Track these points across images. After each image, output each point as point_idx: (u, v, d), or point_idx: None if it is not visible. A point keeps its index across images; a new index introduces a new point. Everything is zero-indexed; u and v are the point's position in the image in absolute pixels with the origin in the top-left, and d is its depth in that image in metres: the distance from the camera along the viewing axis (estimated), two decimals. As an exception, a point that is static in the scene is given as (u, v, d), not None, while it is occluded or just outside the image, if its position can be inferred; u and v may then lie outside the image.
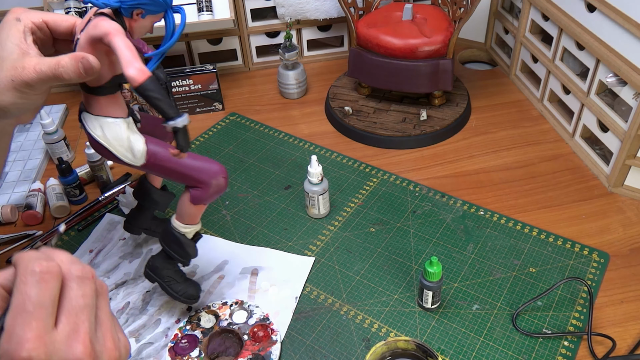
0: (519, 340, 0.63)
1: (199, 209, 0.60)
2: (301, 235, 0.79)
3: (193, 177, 0.57)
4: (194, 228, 0.62)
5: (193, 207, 0.59)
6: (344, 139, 0.98)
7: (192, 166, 0.57)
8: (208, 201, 0.60)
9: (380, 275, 0.72)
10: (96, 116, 0.55)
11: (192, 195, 0.58)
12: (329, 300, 0.69)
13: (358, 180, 0.88)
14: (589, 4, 0.82)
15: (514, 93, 1.07)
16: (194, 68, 1.03)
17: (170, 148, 0.53)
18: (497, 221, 0.78)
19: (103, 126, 0.55)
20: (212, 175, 0.57)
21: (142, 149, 0.55)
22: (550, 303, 0.67)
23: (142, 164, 0.56)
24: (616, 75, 0.79)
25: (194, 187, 0.58)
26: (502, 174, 0.87)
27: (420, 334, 0.65)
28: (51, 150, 0.91)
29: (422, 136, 0.94)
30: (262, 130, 1.01)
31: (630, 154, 0.78)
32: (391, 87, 0.98)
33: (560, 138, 0.94)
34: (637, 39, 0.73)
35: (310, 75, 1.15)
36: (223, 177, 0.58)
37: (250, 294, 0.70)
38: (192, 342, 0.63)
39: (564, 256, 0.73)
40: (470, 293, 0.69)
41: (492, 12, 1.14)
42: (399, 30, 0.94)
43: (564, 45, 0.90)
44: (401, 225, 0.79)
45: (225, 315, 0.66)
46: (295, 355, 0.63)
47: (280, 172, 0.90)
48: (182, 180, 0.58)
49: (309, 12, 1.11)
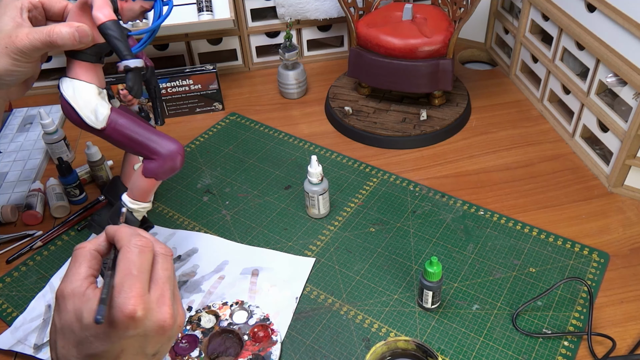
0: (519, 340, 0.63)
1: (150, 183, 0.61)
2: (301, 235, 0.79)
3: (149, 147, 0.59)
4: (143, 206, 0.63)
5: (145, 180, 0.61)
6: (344, 139, 0.98)
7: (150, 137, 0.60)
8: (160, 177, 0.61)
9: (380, 275, 0.72)
10: (71, 78, 0.58)
11: (145, 167, 0.60)
12: (329, 300, 0.69)
13: (358, 180, 0.88)
14: (589, 4, 0.82)
15: (514, 93, 1.07)
16: (194, 68, 1.03)
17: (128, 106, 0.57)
18: (497, 221, 0.79)
19: (75, 88, 0.58)
20: (167, 149, 0.59)
21: (106, 114, 0.59)
22: (550, 303, 0.67)
23: (102, 128, 0.59)
24: (616, 75, 0.79)
25: (148, 158, 0.60)
26: (502, 174, 0.87)
27: (420, 334, 0.65)
28: (51, 150, 0.91)
29: (422, 136, 0.94)
30: (262, 130, 1.01)
31: (630, 154, 0.78)
32: (391, 87, 0.98)
33: (560, 138, 0.94)
34: (637, 39, 0.73)
35: (310, 75, 1.15)
36: (179, 155, 0.60)
37: (250, 294, 0.70)
38: (192, 342, 0.63)
39: (564, 256, 0.73)
40: (470, 293, 0.69)
41: (492, 12, 1.14)
42: (399, 30, 0.94)
43: (564, 45, 0.90)
44: (401, 225, 0.79)
45: (226, 316, 0.66)
46: (295, 355, 0.63)
47: (280, 172, 0.90)
48: (138, 150, 0.60)
49: (309, 12, 1.11)
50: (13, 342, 0.65)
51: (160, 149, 0.59)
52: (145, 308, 0.39)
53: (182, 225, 0.81)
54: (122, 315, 0.38)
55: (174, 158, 0.60)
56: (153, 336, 0.41)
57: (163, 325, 0.40)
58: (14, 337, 0.65)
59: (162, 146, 0.59)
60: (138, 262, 0.40)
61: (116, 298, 0.39)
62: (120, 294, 0.39)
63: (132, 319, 0.38)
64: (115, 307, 0.39)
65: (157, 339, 0.41)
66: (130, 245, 0.41)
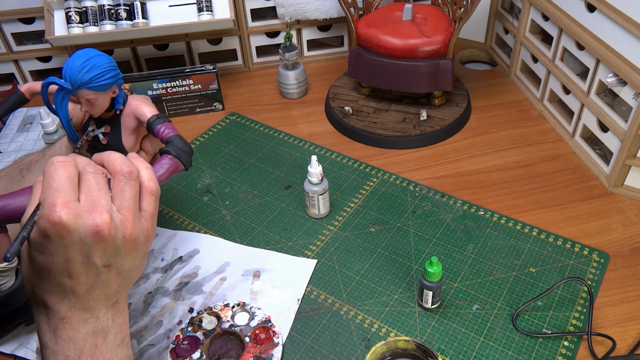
0: (519, 340, 0.63)
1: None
2: (301, 235, 0.79)
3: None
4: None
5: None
6: (344, 139, 0.98)
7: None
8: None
9: (380, 275, 0.72)
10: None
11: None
12: (329, 300, 0.69)
13: (358, 180, 0.88)
14: (589, 4, 0.82)
15: (514, 93, 1.07)
16: (194, 68, 1.03)
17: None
18: (497, 221, 0.79)
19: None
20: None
21: None
22: (550, 303, 0.67)
23: None
24: (616, 75, 0.79)
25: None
26: (502, 174, 0.87)
27: (420, 334, 0.65)
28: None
29: (422, 136, 0.94)
30: (262, 130, 1.01)
31: (630, 154, 0.78)
32: (391, 87, 0.98)
33: (560, 138, 0.94)
34: (637, 39, 0.73)
35: (310, 75, 1.15)
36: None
37: (252, 295, 0.70)
38: (193, 344, 0.63)
39: (564, 256, 0.73)
40: (470, 293, 0.69)
41: (492, 12, 1.14)
42: (399, 30, 0.94)
43: (564, 45, 0.90)
44: (401, 225, 0.79)
45: (227, 317, 0.66)
46: (295, 355, 0.63)
47: (280, 172, 0.90)
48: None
49: (309, 12, 1.11)
50: (15, 345, 0.65)
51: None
52: (72, 213, 0.40)
53: (182, 225, 0.81)
54: (48, 224, 0.40)
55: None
56: (93, 243, 0.41)
57: (97, 230, 0.41)
58: (16, 341, 0.65)
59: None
60: (56, 176, 0.41)
61: (41, 210, 0.40)
62: (44, 206, 0.40)
63: (58, 224, 0.39)
64: (42, 218, 0.40)
65: (99, 246, 0.42)
66: (49, 164, 0.42)
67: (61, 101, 0.53)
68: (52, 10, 0.99)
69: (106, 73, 0.53)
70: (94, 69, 0.52)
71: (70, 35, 0.98)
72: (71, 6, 0.98)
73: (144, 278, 0.73)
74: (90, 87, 0.53)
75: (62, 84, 0.52)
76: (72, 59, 0.52)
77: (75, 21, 0.98)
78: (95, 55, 0.53)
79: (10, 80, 1.15)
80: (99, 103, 0.56)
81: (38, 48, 1.12)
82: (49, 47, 1.10)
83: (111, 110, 0.58)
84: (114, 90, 0.56)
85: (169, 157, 0.55)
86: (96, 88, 0.54)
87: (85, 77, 0.52)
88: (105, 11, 0.98)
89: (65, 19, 0.99)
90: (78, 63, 0.52)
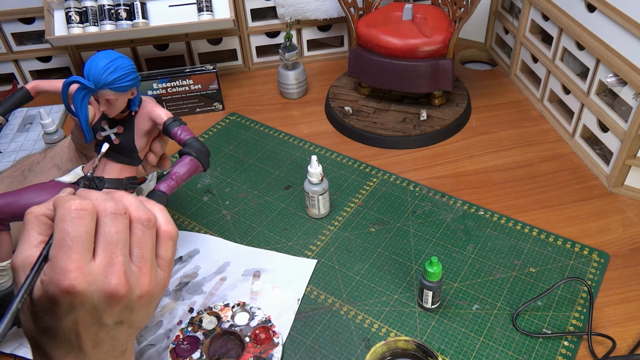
0: (519, 340, 0.63)
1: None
2: (301, 235, 0.79)
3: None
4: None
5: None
6: (344, 139, 0.98)
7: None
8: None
9: (380, 275, 0.72)
10: None
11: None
12: (329, 300, 0.69)
13: (358, 180, 0.88)
14: (589, 4, 0.82)
15: (514, 93, 1.07)
16: (194, 68, 1.03)
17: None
18: (497, 221, 0.79)
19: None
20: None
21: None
22: (550, 303, 0.67)
23: None
24: (616, 75, 0.79)
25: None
26: (502, 174, 0.87)
27: (420, 334, 0.65)
28: (51, 151, 0.91)
29: (422, 136, 0.94)
30: (262, 130, 1.01)
31: (630, 154, 0.78)
32: (391, 87, 0.98)
33: (560, 138, 0.94)
34: (637, 39, 0.73)
35: (310, 75, 1.15)
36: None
37: (252, 295, 0.70)
38: (193, 344, 0.63)
39: (564, 256, 0.73)
40: (470, 293, 0.69)
41: (492, 12, 1.14)
42: (399, 30, 0.94)
43: (564, 45, 0.90)
44: (401, 225, 0.79)
45: (227, 317, 0.66)
46: (295, 355, 0.63)
47: (280, 172, 0.90)
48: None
49: (309, 12, 1.11)
50: (15, 345, 0.65)
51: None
52: (86, 281, 0.36)
53: (182, 225, 0.81)
54: (59, 292, 0.35)
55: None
56: (105, 307, 0.37)
57: (113, 295, 0.37)
58: (16, 340, 0.65)
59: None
60: (72, 230, 0.36)
61: (51, 274, 0.36)
62: (55, 270, 0.36)
63: (70, 294, 0.35)
64: (51, 284, 0.35)
65: (112, 309, 0.38)
66: (64, 212, 0.37)
67: (82, 100, 0.53)
68: (52, 10, 0.99)
69: (128, 75, 0.54)
70: (117, 70, 0.53)
71: (70, 35, 0.98)
72: (71, 6, 0.98)
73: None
74: (113, 87, 0.53)
75: (86, 83, 0.52)
76: (96, 59, 0.53)
77: (75, 21, 0.98)
78: (118, 57, 0.54)
79: (10, 80, 1.15)
80: (118, 104, 0.56)
81: (38, 48, 1.12)
82: (49, 47, 1.10)
83: (126, 111, 0.59)
84: (132, 92, 0.57)
85: (189, 157, 0.56)
86: (118, 89, 0.54)
87: (110, 78, 0.52)
88: (105, 11, 0.98)
89: (65, 19, 0.99)
90: (103, 64, 0.52)
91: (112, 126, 0.59)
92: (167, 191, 0.55)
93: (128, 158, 0.60)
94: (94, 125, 0.60)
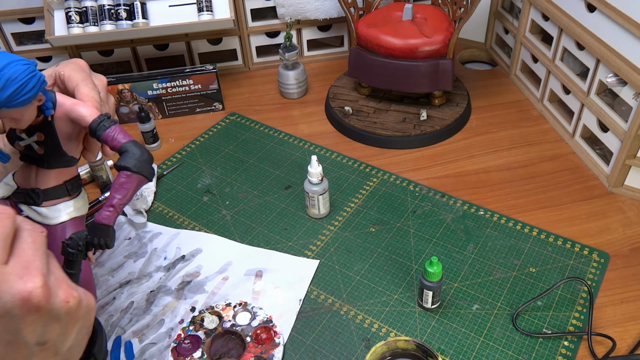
0: (519, 340, 0.63)
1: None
2: (301, 235, 0.79)
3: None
4: None
5: None
6: (344, 139, 0.98)
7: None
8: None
9: (380, 275, 0.72)
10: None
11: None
12: (329, 300, 0.69)
13: (358, 180, 0.88)
14: (589, 4, 0.82)
15: (514, 93, 1.07)
16: (194, 68, 1.03)
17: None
18: (497, 221, 0.79)
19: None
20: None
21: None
22: (550, 303, 0.67)
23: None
24: (616, 75, 0.79)
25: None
26: (502, 174, 0.87)
27: (420, 334, 0.65)
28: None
29: (422, 136, 0.94)
30: (262, 130, 1.01)
31: (630, 154, 0.78)
32: (391, 87, 0.98)
33: (560, 138, 0.94)
34: (637, 39, 0.73)
35: (310, 75, 1.15)
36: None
37: (254, 295, 0.70)
38: (194, 343, 0.63)
39: (564, 256, 0.73)
40: (470, 293, 0.69)
41: (492, 12, 1.14)
42: (399, 30, 0.94)
43: (564, 45, 0.90)
44: (401, 225, 0.79)
45: (229, 317, 0.66)
46: (295, 355, 0.63)
47: (280, 172, 0.90)
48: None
49: (309, 12, 1.11)
50: None
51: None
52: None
53: (182, 225, 0.81)
54: None
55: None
56: (22, 315, 0.33)
57: (27, 297, 0.33)
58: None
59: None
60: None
61: None
62: None
63: None
64: None
65: (30, 319, 0.34)
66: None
67: None
68: (52, 10, 0.99)
69: (26, 84, 0.43)
70: (10, 84, 0.42)
71: (70, 35, 0.98)
72: (71, 6, 0.98)
73: (147, 277, 0.73)
74: (11, 105, 0.43)
75: None
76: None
77: (75, 21, 0.98)
78: (7, 63, 0.42)
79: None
80: (26, 117, 0.46)
81: (38, 48, 1.12)
82: (49, 47, 1.10)
83: (40, 116, 0.49)
84: (39, 98, 0.46)
85: (126, 174, 0.48)
86: (19, 104, 0.44)
87: (3, 96, 0.42)
88: (105, 11, 0.98)
89: (65, 19, 0.99)
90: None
91: (30, 133, 0.50)
92: (109, 223, 0.48)
93: (59, 163, 0.52)
94: (9, 134, 0.50)
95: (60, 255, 0.46)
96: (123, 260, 0.76)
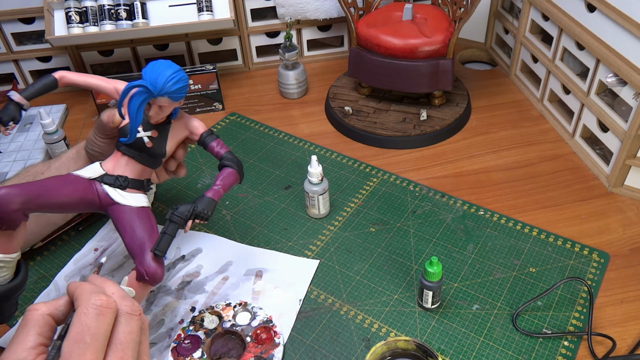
0: (519, 340, 0.63)
1: (140, 287, 0.60)
2: (301, 235, 0.79)
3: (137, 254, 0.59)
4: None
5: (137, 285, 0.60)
6: (344, 139, 0.98)
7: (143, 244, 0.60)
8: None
9: (380, 275, 0.72)
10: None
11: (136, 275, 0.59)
12: (329, 300, 0.69)
13: (358, 180, 0.88)
14: (589, 4, 0.82)
15: (514, 93, 1.07)
16: (194, 68, 1.03)
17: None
18: (497, 221, 0.79)
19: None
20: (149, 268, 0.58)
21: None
22: (550, 303, 0.67)
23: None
24: (616, 75, 0.79)
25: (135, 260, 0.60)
26: (502, 174, 0.87)
27: (420, 334, 0.65)
28: (51, 151, 0.91)
29: (422, 136, 0.94)
30: (262, 130, 1.01)
31: (630, 154, 0.78)
32: (391, 87, 0.98)
33: (560, 138, 0.94)
34: (637, 39, 0.73)
35: (310, 75, 1.15)
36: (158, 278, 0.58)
37: (254, 295, 0.70)
38: (194, 343, 0.63)
39: (564, 256, 0.73)
40: (470, 293, 0.69)
41: (492, 12, 1.15)
42: (399, 30, 0.94)
43: (564, 45, 0.90)
44: (401, 225, 0.79)
45: (229, 317, 0.66)
46: (295, 355, 0.63)
47: (280, 172, 0.90)
48: (131, 248, 0.60)
49: (309, 12, 1.11)
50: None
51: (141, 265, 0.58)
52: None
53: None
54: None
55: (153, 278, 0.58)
56: None
57: None
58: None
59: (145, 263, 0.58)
60: (93, 327, 0.36)
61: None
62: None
63: None
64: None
65: None
66: (88, 306, 0.36)
67: (140, 104, 0.54)
68: (52, 10, 0.99)
69: (186, 87, 0.58)
70: (180, 82, 0.56)
71: (70, 35, 0.98)
72: (71, 6, 0.98)
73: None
74: (172, 96, 0.57)
75: (151, 89, 0.54)
76: (161, 68, 0.55)
77: (75, 21, 0.98)
78: (179, 68, 0.57)
79: (10, 80, 1.15)
80: (167, 110, 0.59)
81: (38, 48, 1.12)
82: (49, 47, 1.10)
83: (164, 118, 0.61)
84: (181, 102, 0.60)
85: (230, 170, 0.63)
86: (175, 98, 0.57)
87: (173, 87, 0.56)
88: (105, 11, 0.98)
89: (65, 19, 0.99)
90: (169, 73, 0.55)
91: (146, 129, 0.61)
92: (216, 198, 0.60)
93: (152, 161, 0.63)
94: (124, 127, 0.61)
95: (119, 217, 0.59)
96: (123, 260, 0.76)
